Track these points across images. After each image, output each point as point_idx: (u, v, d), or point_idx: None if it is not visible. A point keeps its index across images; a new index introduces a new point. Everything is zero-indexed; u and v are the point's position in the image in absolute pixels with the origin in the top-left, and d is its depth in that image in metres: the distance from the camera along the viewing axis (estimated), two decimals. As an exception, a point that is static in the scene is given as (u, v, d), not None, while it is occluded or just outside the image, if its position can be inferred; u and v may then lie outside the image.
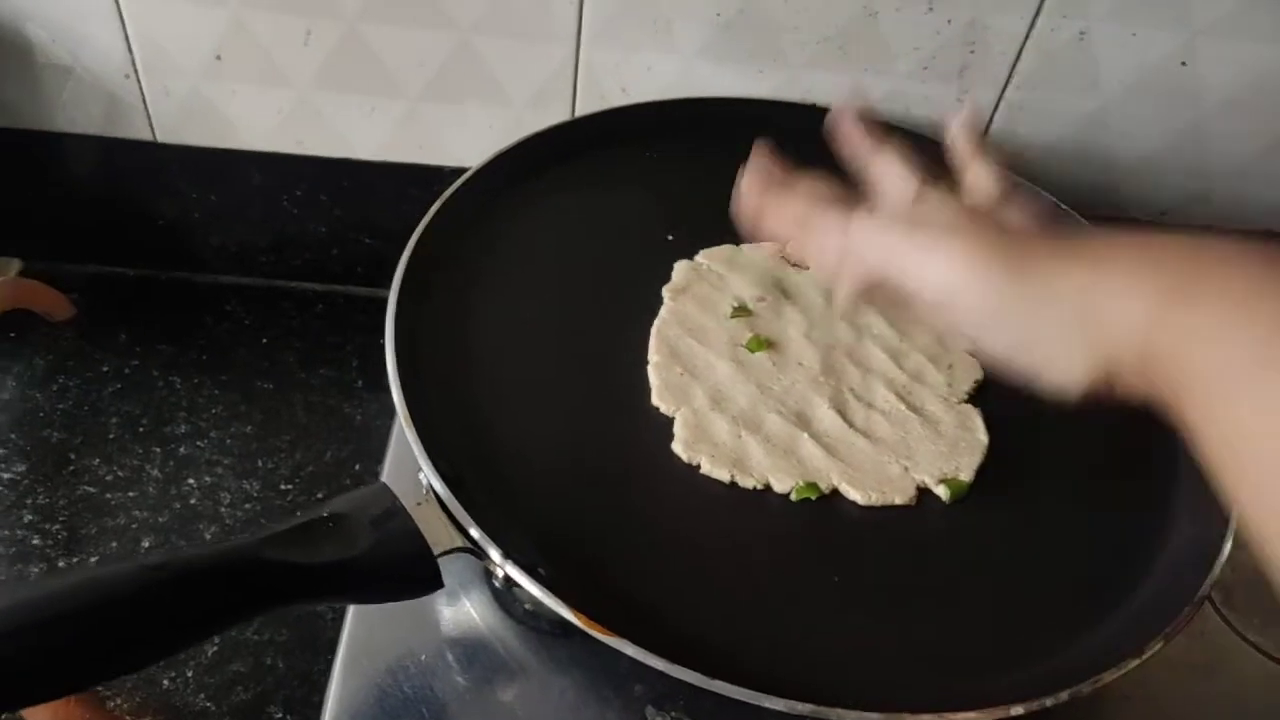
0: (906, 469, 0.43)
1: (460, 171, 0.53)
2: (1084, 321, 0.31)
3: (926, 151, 0.57)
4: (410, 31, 0.56)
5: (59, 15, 0.55)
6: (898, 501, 0.42)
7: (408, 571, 0.34)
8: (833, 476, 0.43)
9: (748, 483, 0.42)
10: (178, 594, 0.29)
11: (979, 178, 0.39)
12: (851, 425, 0.44)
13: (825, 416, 0.44)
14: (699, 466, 0.42)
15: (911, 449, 0.44)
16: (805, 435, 0.44)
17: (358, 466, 0.58)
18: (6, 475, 0.56)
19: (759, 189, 0.40)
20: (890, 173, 0.39)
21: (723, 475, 0.42)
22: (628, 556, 0.39)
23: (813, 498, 0.42)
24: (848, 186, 0.40)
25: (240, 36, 0.56)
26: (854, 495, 0.42)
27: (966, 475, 0.43)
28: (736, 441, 0.43)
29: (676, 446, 0.43)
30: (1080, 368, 0.31)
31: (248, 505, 0.56)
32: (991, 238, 0.33)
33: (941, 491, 0.43)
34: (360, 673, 0.39)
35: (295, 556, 0.31)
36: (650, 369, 0.46)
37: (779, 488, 0.42)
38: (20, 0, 0.55)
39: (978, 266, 0.32)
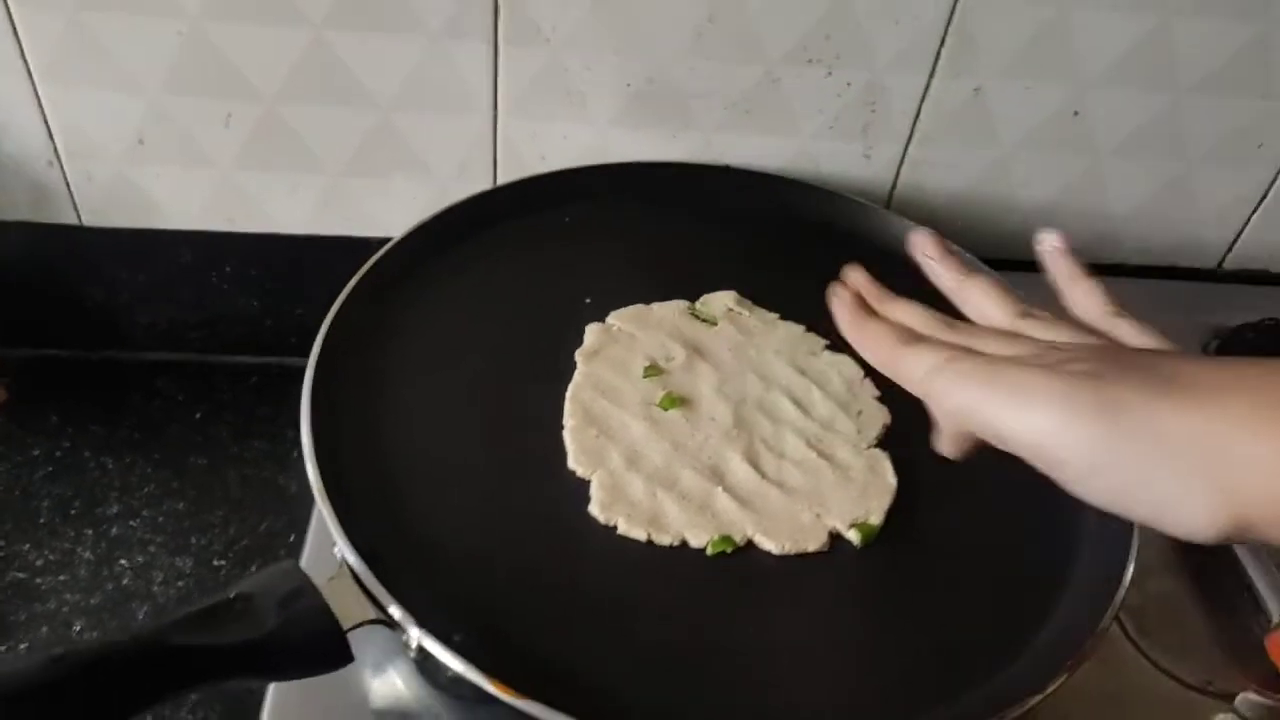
0: (819, 515, 0.44)
1: (386, 241, 0.55)
2: (1205, 469, 0.28)
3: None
4: (329, 110, 0.58)
5: (-20, 106, 0.56)
6: (810, 549, 0.43)
7: (316, 648, 0.35)
8: (747, 528, 0.44)
9: (664, 540, 0.43)
10: (81, 686, 0.29)
11: (1082, 300, 0.38)
12: (764, 476, 0.45)
13: (738, 469, 0.46)
14: (616, 527, 0.43)
15: (823, 495, 0.45)
16: (719, 489, 0.45)
17: (292, 537, 0.59)
18: (-67, 565, 0.55)
19: (850, 310, 0.39)
20: (983, 304, 0.38)
21: (639, 534, 0.43)
22: (545, 620, 0.40)
23: (728, 550, 0.43)
24: (944, 306, 0.39)
25: (161, 121, 0.57)
26: (768, 545, 0.43)
27: (876, 519, 0.45)
28: (652, 500, 0.44)
29: (593, 508, 0.44)
30: (1206, 521, 0.28)
31: (180, 583, 0.56)
32: (1086, 378, 0.30)
33: (853, 536, 0.44)
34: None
35: (201, 639, 0.31)
36: (566, 433, 0.47)
37: (695, 543, 0.43)
38: (-61, 93, 0.56)
39: (1072, 415, 0.29)
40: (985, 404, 0.31)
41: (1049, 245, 0.40)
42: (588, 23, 0.56)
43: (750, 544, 0.44)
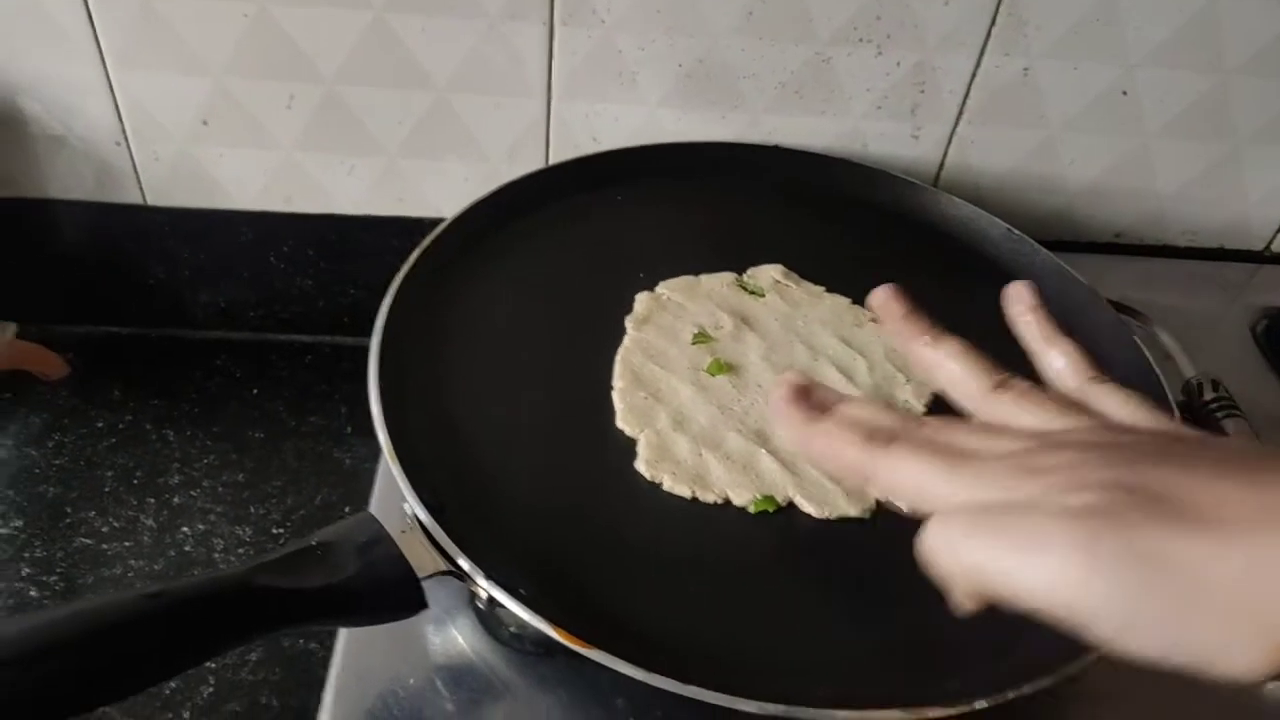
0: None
1: (438, 222, 0.56)
2: (1249, 615, 0.25)
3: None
4: (388, 92, 0.59)
5: (52, 88, 0.58)
6: (852, 514, 0.44)
7: (394, 595, 0.36)
8: (789, 490, 0.44)
9: (708, 497, 0.44)
10: (173, 620, 0.30)
11: (1056, 366, 0.35)
12: None
13: (783, 434, 0.46)
14: (661, 484, 0.44)
15: None
16: (763, 451, 0.45)
17: (347, 509, 0.60)
18: (4, 530, 0.57)
19: (797, 406, 0.35)
20: (954, 372, 0.35)
21: (684, 491, 0.44)
22: (601, 572, 0.41)
23: (770, 510, 0.44)
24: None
25: (225, 102, 0.59)
26: (808, 508, 0.44)
27: None
28: (697, 459, 0.45)
29: (640, 465, 0.45)
30: (1254, 661, 0.25)
31: (240, 550, 0.57)
32: (1104, 521, 0.27)
33: (900, 504, 0.45)
34: (350, 700, 0.40)
35: (285, 583, 0.33)
36: (615, 394, 0.48)
37: (738, 501, 0.44)
38: (14, 75, 0.58)
39: (1095, 568, 0.26)
40: (997, 562, 0.28)
41: (1020, 306, 0.37)
42: (641, 3, 0.57)
43: (792, 505, 0.44)
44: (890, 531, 0.43)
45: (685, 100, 0.61)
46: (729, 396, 0.48)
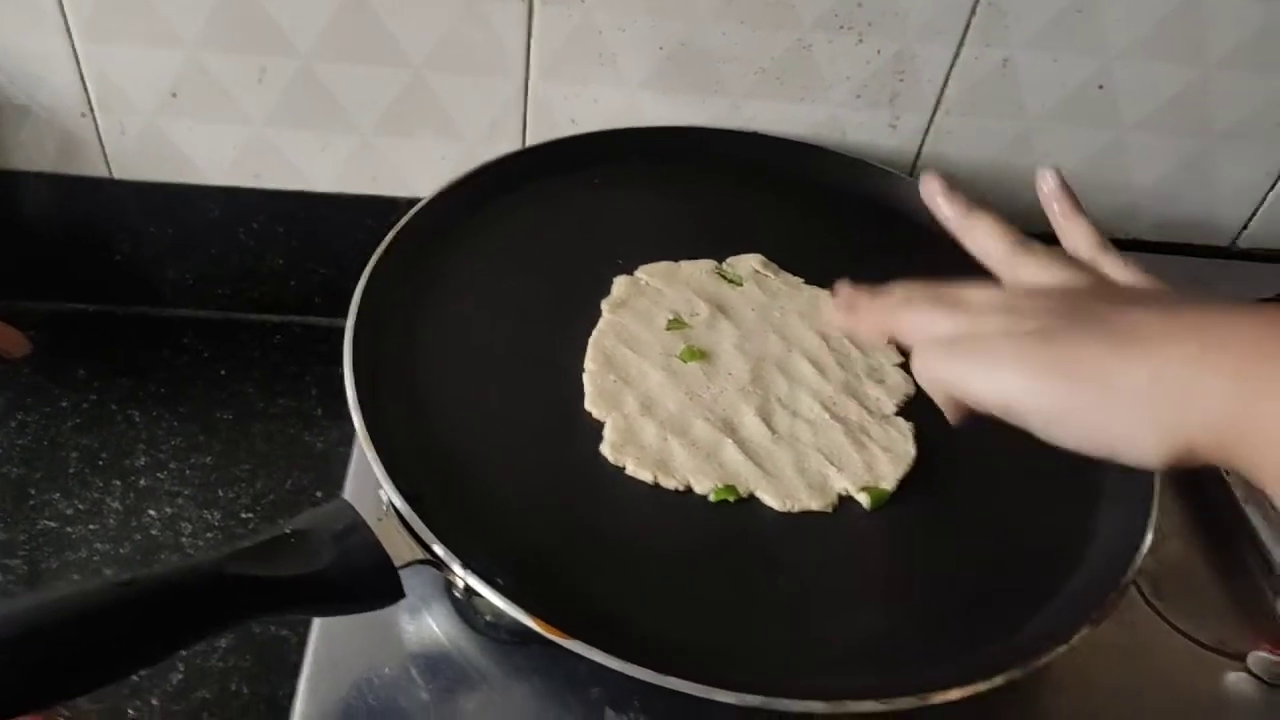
0: (827, 476, 0.45)
1: (414, 201, 0.55)
2: (1150, 412, 0.31)
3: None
4: (362, 68, 0.58)
5: (15, 57, 0.56)
6: (814, 507, 0.44)
7: (370, 583, 0.35)
8: (750, 482, 0.44)
9: (669, 483, 0.44)
10: (146, 609, 0.30)
11: (1073, 237, 0.40)
12: (775, 433, 0.46)
13: (750, 424, 0.46)
14: (625, 468, 0.44)
15: (834, 457, 0.46)
16: (729, 441, 0.45)
17: (319, 493, 0.59)
18: (-35, 512, 0.56)
19: (848, 302, 0.41)
20: (984, 239, 0.40)
21: (646, 476, 0.44)
22: (569, 559, 0.41)
23: (730, 500, 0.44)
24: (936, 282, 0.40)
25: (195, 75, 0.57)
26: (770, 501, 0.44)
27: (889, 484, 0.45)
28: (662, 445, 0.45)
29: (604, 449, 0.45)
30: (1155, 451, 0.31)
31: (209, 534, 0.56)
32: (1041, 340, 0.33)
33: (862, 499, 0.45)
34: (325, 688, 0.40)
35: (259, 571, 0.32)
36: (585, 376, 0.48)
37: (699, 489, 0.44)
38: (-26, 42, 0.56)
39: (1030, 375, 0.33)
40: (960, 375, 0.35)
41: (1049, 184, 0.42)
42: (623, -16, 0.56)
43: (754, 497, 0.44)
44: (851, 526, 0.44)
45: (665, 83, 0.61)
46: (699, 383, 0.48)
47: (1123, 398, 0.31)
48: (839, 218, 0.59)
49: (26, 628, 0.29)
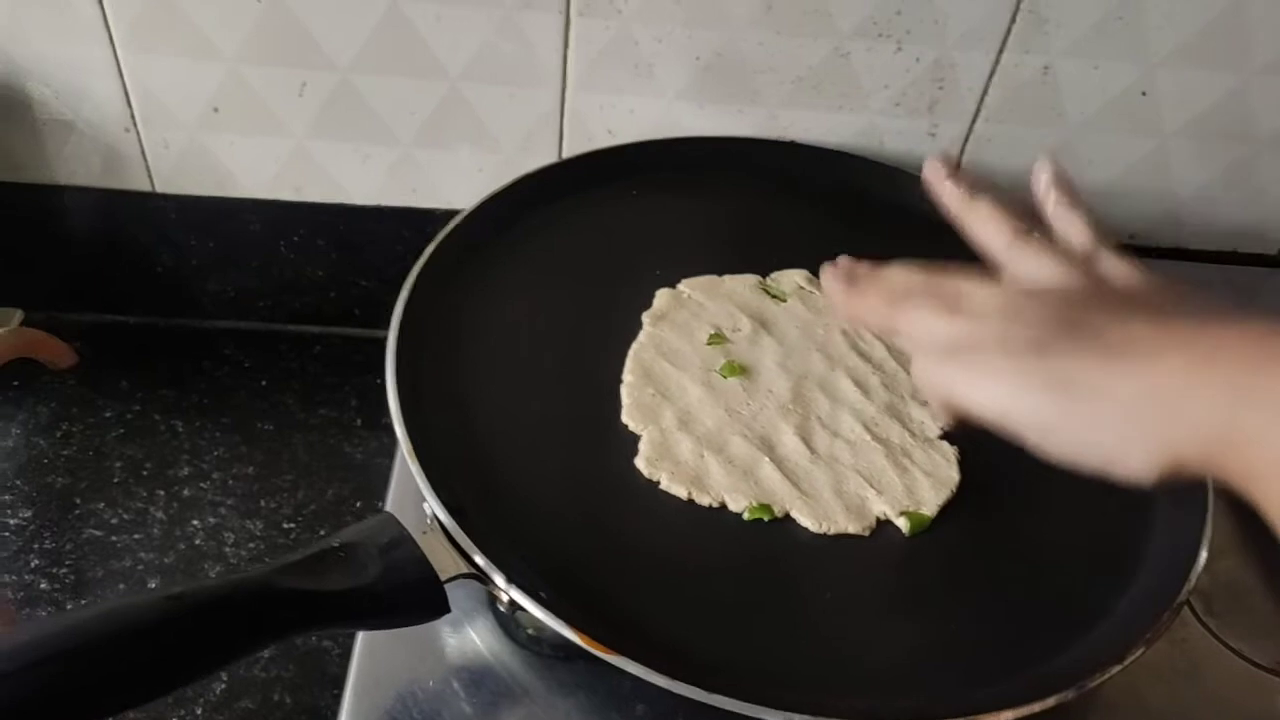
0: (865, 499, 0.45)
1: (452, 213, 0.55)
2: (1141, 425, 0.31)
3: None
4: (401, 81, 0.58)
5: (61, 73, 0.57)
6: (851, 530, 0.43)
7: (416, 597, 0.35)
8: (786, 501, 0.44)
9: (704, 500, 0.44)
10: (196, 622, 0.30)
11: (1070, 230, 0.40)
12: (814, 453, 0.46)
13: (789, 443, 0.46)
14: (659, 482, 0.44)
15: (874, 479, 0.45)
16: (766, 459, 0.45)
17: (359, 504, 0.60)
18: (13, 521, 0.57)
19: (843, 279, 0.41)
20: (983, 229, 0.41)
21: (680, 492, 0.44)
22: (606, 574, 0.41)
23: (765, 519, 0.43)
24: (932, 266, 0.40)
25: (237, 89, 0.58)
26: (805, 522, 0.44)
27: (930, 510, 0.44)
28: (698, 461, 0.45)
29: (639, 462, 0.45)
30: (1146, 464, 0.32)
31: (251, 544, 0.57)
32: (1034, 353, 0.34)
33: (901, 524, 0.44)
34: (370, 701, 0.40)
35: (307, 585, 0.32)
36: (623, 388, 0.47)
37: (734, 507, 0.44)
38: (23, 59, 0.57)
39: (1023, 389, 0.33)
40: (956, 385, 0.35)
41: (1044, 177, 0.42)
42: (660, -5, 0.56)
43: (789, 517, 0.44)
44: (889, 549, 0.43)
45: (702, 94, 0.60)
46: (738, 399, 0.48)
47: (1114, 412, 0.32)
48: (879, 227, 0.59)
49: (77, 641, 0.29)
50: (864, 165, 0.62)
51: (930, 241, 0.58)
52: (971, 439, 0.46)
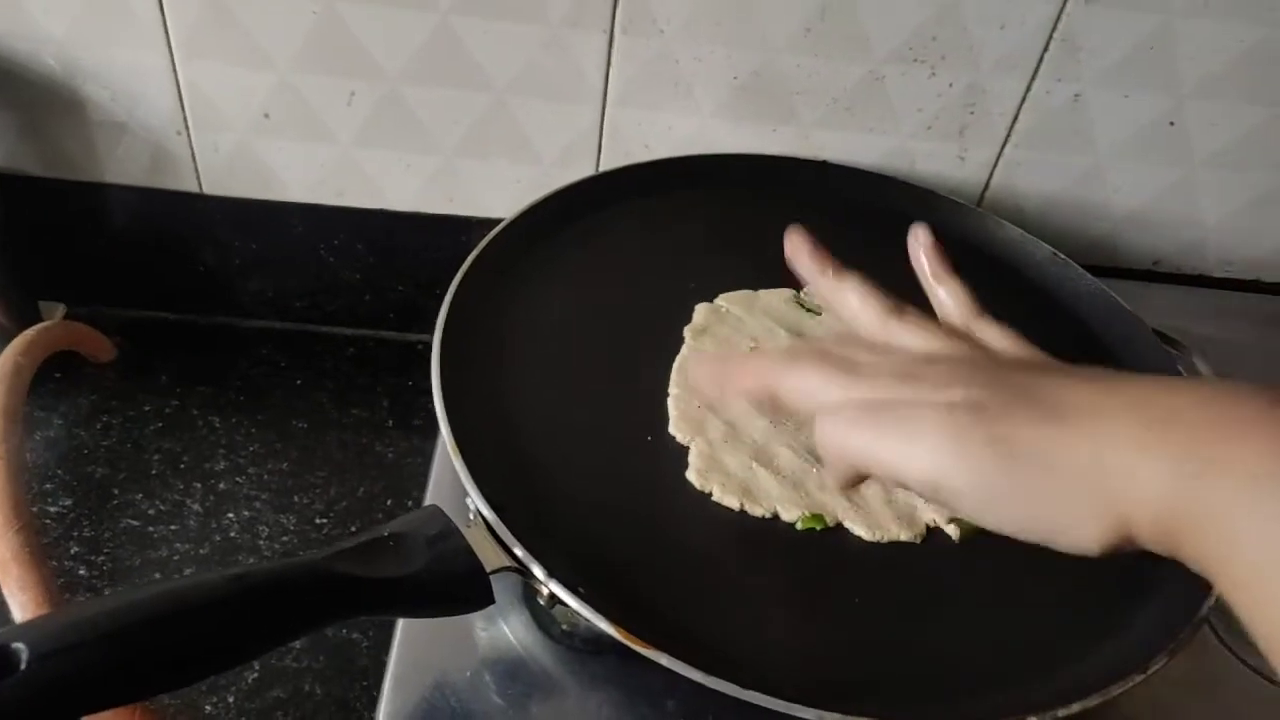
0: (914, 507, 0.46)
1: (487, 222, 0.57)
2: (1090, 495, 0.29)
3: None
4: (447, 92, 0.60)
5: (119, 76, 0.59)
6: (903, 538, 0.44)
7: (462, 587, 0.37)
8: (838, 511, 0.45)
9: (756, 511, 0.45)
10: (257, 602, 0.31)
11: (945, 300, 0.39)
12: None
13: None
14: (711, 494, 0.45)
15: None
16: (815, 470, 0.46)
17: (389, 502, 0.61)
18: (54, 509, 0.58)
19: (713, 365, 0.40)
20: (854, 304, 0.39)
21: (732, 503, 0.45)
22: (651, 576, 0.41)
23: (817, 528, 0.44)
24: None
25: (288, 96, 0.60)
26: (858, 531, 0.44)
27: None
28: (747, 472, 0.46)
29: (690, 474, 0.45)
30: (1094, 536, 0.30)
31: (285, 538, 0.58)
32: (972, 415, 0.31)
33: (952, 530, 0.45)
34: (408, 690, 0.41)
35: (361, 571, 0.33)
36: (670, 400, 0.48)
37: (786, 517, 0.45)
38: (83, 61, 0.59)
39: (962, 454, 0.30)
40: (878, 449, 0.32)
41: (919, 242, 0.41)
42: (702, 15, 0.58)
43: (840, 526, 0.45)
44: (938, 556, 0.44)
45: (737, 112, 0.62)
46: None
47: (1062, 480, 0.29)
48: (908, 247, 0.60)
49: (145, 617, 0.30)
50: (895, 186, 0.63)
51: (960, 262, 0.59)
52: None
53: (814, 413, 0.34)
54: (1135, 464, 0.28)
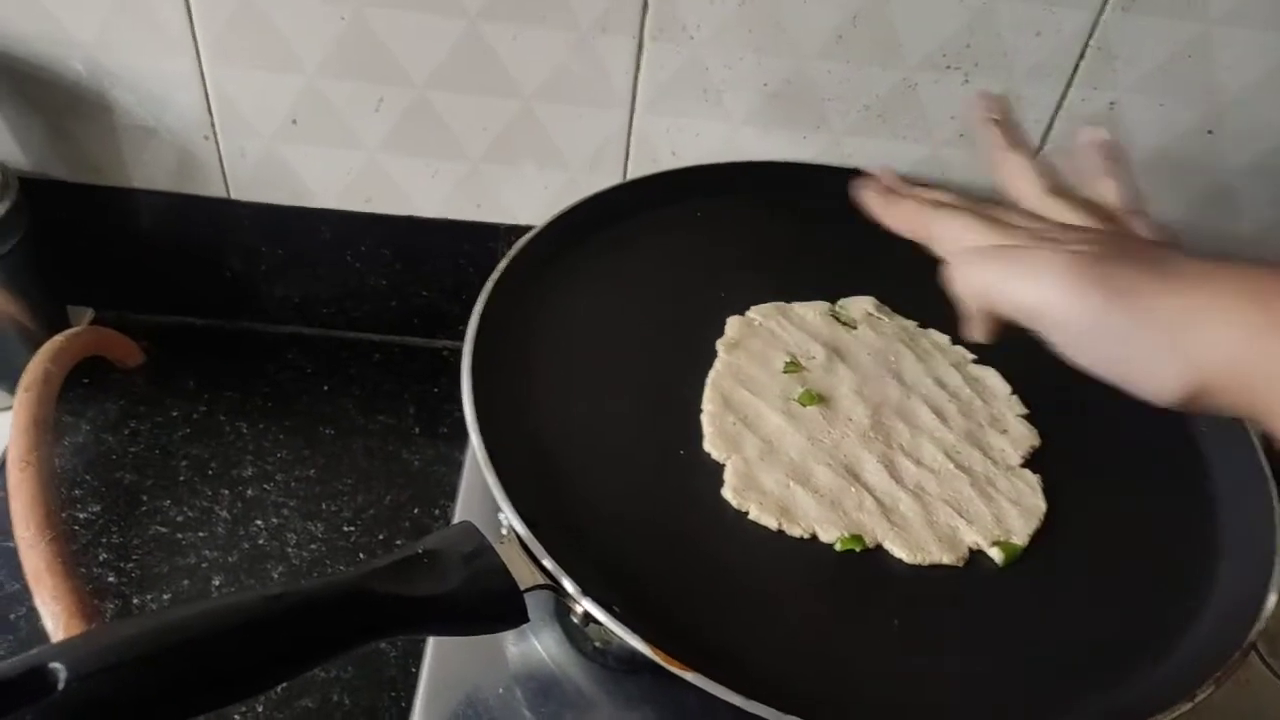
0: (955, 529, 0.45)
1: (514, 229, 0.56)
2: (1179, 344, 0.32)
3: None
4: (476, 98, 0.60)
5: (147, 81, 0.59)
6: (945, 561, 0.44)
7: (498, 606, 0.36)
8: (878, 532, 0.44)
9: (794, 531, 0.44)
10: (296, 622, 0.31)
11: (1106, 190, 0.42)
12: (899, 482, 0.46)
13: (874, 472, 0.46)
14: (748, 513, 0.44)
15: (961, 508, 0.45)
16: (853, 489, 0.45)
17: (416, 510, 0.61)
18: (83, 515, 0.58)
19: (881, 190, 0.43)
20: (1018, 177, 0.42)
21: (770, 523, 0.44)
22: (686, 594, 0.41)
23: (857, 550, 0.44)
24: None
25: (315, 102, 0.60)
26: (899, 553, 0.44)
27: (1020, 539, 0.45)
28: (785, 491, 0.45)
29: (726, 493, 0.45)
30: (1172, 384, 0.33)
31: (313, 546, 0.58)
32: (1088, 257, 0.35)
33: (995, 554, 0.44)
34: (441, 705, 0.41)
35: (396, 590, 0.33)
36: (704, 417, 0.48)
37: (825, 538, 0.44)
38: (110, 66, 0.58)
39: (1069, 286, 0.34)
40: (1002, 280, 0.36)
41: (1095, 137, 0.44)
42: (732, 22, 0.57)
43: (880, 548, 0.44)
44: (980, 579, 0.44)
45: (768, 120, 0.61)
46: (819, 428, 0.48)
47: (1153, 323, 0.33)
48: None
49: (184, 638, 0.30)
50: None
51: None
52: (1053, 467, 0.47)
53: (954, 250, 0.38)
54: (1224, 319, 0.32)
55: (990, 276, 0.37)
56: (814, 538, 0.44)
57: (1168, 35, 0.57)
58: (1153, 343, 0.33)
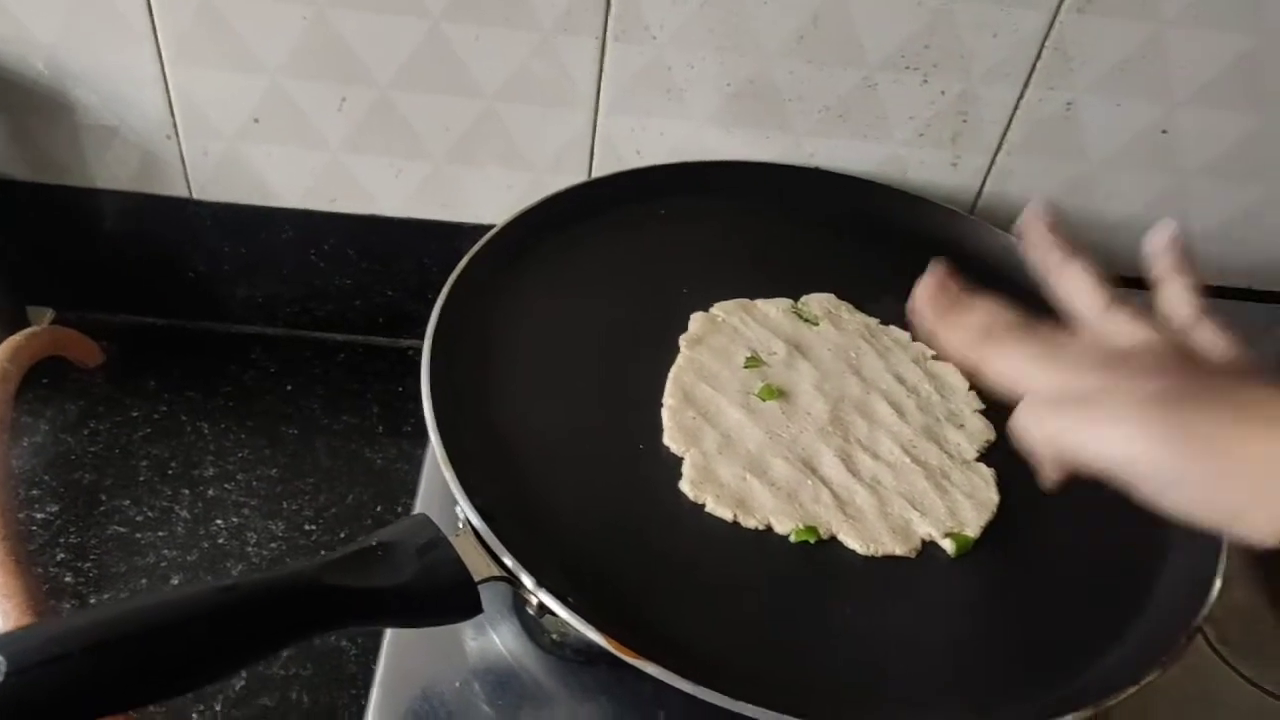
0: (909, 521, 0.45)
1: (479, 228, 0.56)
2: (1263, 489, 0.31)
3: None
4: (439, 98, 0.60)
5: (108, 80, 0.59)
6: (898, 552, 0.44)
7: (451, 597, 0.36)
8: (833, 524, 0.45)
9: (750, 522, 0.44)
10: (246, 613, 0.31)
11: (1173, 297, 0.39)
12: (856, 475, 0.46)
13: (830, 465, 0.47)
14: (704, 505, 0.45)
15: (916, 501, 0.46)
16: (809, 481, 0.46)
17: (379, 508, 0.60)
18: (40, 515, 0.58)
19: (935, 302, 0.39)
20: (1075, 290, 0.39)
21: (726, 514, 0.44)
22: (642, 586, 0.41)
23: (811, 541, 0.44)
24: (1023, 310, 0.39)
25: (278, 102, 0.59)
26: (853, 544, 0.44)
27: (973, 531, 0.45)
28: (741, 483, 0.45)
29: (684, 485, 0.45)
30: (1266, 529, 0.31)
31: (273, 545, 0.58)
32: (1159, 405, 0.33)
33: (947, 545, 0.45)
34: (396, 700, 0.41)
35: (350, 581, 0.33)
36: (664, 411, 0.48)
37: (780, 529, 0.44)
38: (72, 65, 0.58)
39: (1152, 442, 0.32)
40: (1077, 431, 0.34)
41: (1167, 237, 0.41)
42: (695, 22, 0.57)
43: (834, 539, 0.45)
44: (932, 571, 0.44)
45: (731, 119, 0.62)
46: (778, 423, 0.48)
47: (1242, 471, 0.31)
48: (902, 255, 0.59)
49: (133, 629, 0.30)
50: (886, 192, 0.63)
51: (954, 269, 0.59)
52: (1007, 461, 0.47)
53: (1019, 395, 0.36)
54: None
55: (1063, 426, 0.35)
56: (769, 529, 0.44)
57: (1123, 36, 0.58)
58: (1243, 491, 0.32)
